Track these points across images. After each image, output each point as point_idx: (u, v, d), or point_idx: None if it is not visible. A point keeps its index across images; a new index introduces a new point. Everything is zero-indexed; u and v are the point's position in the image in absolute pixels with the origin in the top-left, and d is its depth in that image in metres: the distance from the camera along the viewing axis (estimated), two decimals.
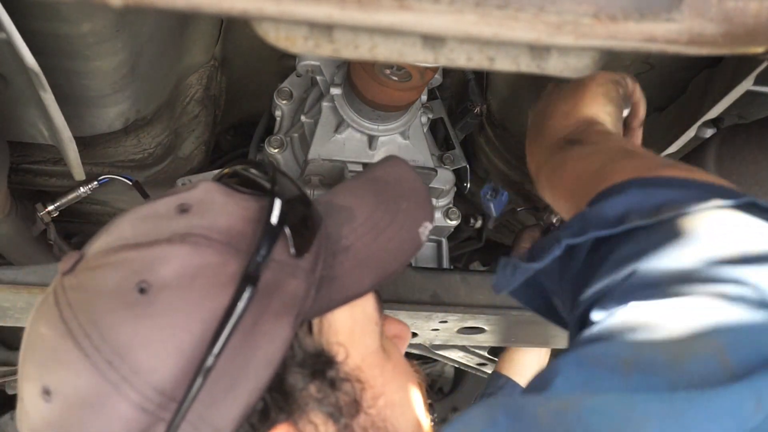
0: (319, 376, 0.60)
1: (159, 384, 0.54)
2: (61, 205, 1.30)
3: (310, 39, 0.63)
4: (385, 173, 0.74)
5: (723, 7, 0.56)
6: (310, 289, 0.60)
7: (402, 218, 0.68)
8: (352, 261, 0.64)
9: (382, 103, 1.12)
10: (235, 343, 0.55)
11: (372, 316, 0.67)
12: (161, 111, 1.18)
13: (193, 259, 0.57)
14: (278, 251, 0.59)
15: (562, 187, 0.77)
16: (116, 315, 0.55)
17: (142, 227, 0.61)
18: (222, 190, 0.65)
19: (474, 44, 0.66)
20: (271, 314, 0.57)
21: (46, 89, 0.85)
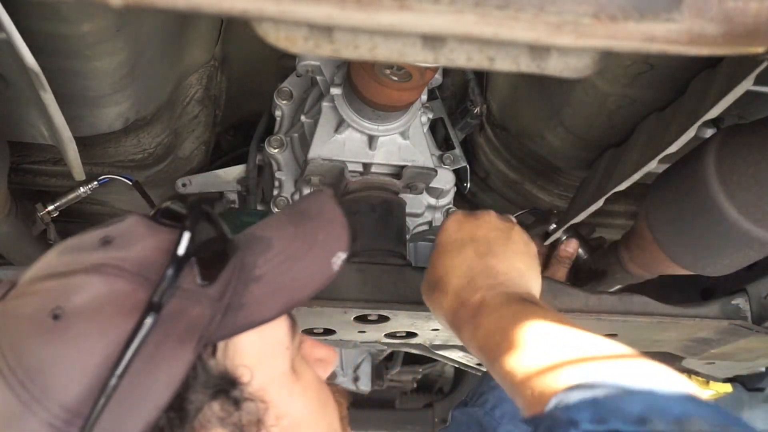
0: (222, 395, 0.65)
1: (66, 403, 0.59)
2: (61, 205, 1.30)
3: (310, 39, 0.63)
4: (309, 206, 0.79)
5: (723, 7, 0.56)
6: (215, 315, 0.65)
7: (317, 249, 0.72)
8: (262, 289, 0.69)
9: (382, 103, 1.12)
10: (137, 366, 0.60)
11: (282, 340, 0.72)
12: (161, 111, 1.18)
13: (104, 287, 0.63)
14: (187, 280, 0.65)
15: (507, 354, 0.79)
16: (31, 339, 0.62)
17: (65, 258, 0.68)
18: (146, 223, 0.71)
19: (474, 44, 0.66)
20: (173, 339, 0.63)
21: (46, 89, 0.85)
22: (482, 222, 0.98)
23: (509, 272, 0.92)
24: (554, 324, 0.79)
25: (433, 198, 1.30)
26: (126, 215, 0.73)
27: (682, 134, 0.95)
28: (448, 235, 0.98)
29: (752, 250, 1.01)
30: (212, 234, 0.70)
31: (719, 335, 1.28)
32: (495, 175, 1.50)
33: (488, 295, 0.87)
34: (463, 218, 0.99)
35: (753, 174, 0.93)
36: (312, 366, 0.78)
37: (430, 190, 1.29)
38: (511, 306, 0.85)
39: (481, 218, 0.99)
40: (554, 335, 0.78)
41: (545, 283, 1.17)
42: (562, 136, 1.28)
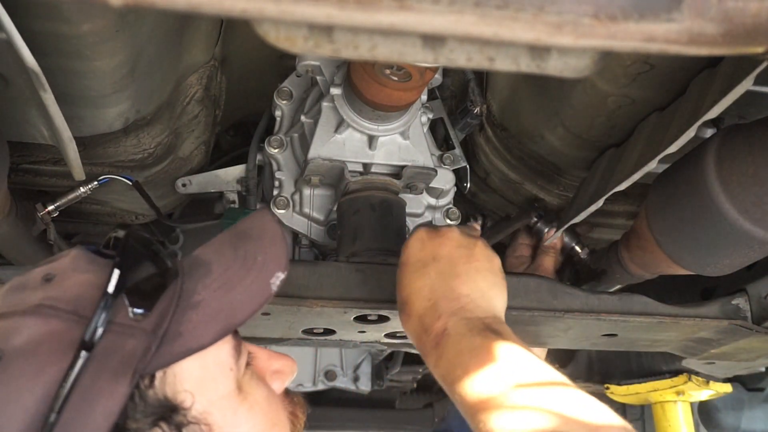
0: (163, 422, 0.67)
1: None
2: (61, 205, 1.30)
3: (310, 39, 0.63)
4: (250, 227, 0.81)
5: (723, 7, 0.56)
6: (150, 347, 0.67)
7: (256, 271, 0.74)
8: (200, 316, 0.71)
9: (382, 103, 1.12)
10: (74, 401, 0.63)
11: (225, 362, 0.74)
12: (161, 111, 1.18)
13: (41, 328, 0.66)
14: (120, 315, 0.68)
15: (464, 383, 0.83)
16: None
17: (9, 299, 0.70)
18: (87, 258, 0.74)
19: (474, 44, 0.66)
20: (108, 373, 0.65)
21: (46, 89, 0.85)
22: (445, 240, 0.98)
23: (471, 293, 0.92)
24: (506, 358, 0.82)
25: (433, 198, 1.30)
26: (71, 249, 0.76)
27: (682, 134, 0.95)
28: (412, 254, 0.98)
29: (752, 250, 1.01)
30: (148, 266, 0.73)
31: (719, 335, 1.28)
32: (495, 175, 1.50)
33: (450, 323, 0.89)
34: (426, 236, 0.99)
35: (753, 174, 0.93)
36: (269, 379, 0.81)
37: (430, 190, 1.29)
38: (471, 338, 0.86)
39: (444, 235, 0.99)
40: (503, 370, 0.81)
41: (546, 284, 1.17)
42: (562, 136, 1.28)
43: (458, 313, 0.89)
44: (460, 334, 0.87)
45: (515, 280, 1.17)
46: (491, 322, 0.89)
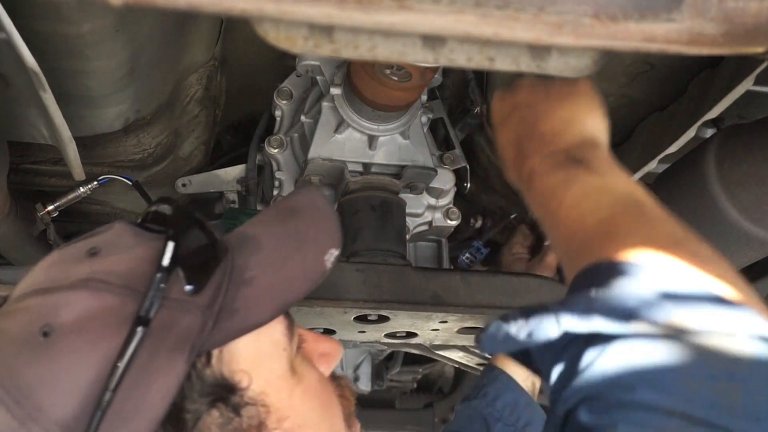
0: (221, 402, 0.65)
1: (61, 419, 0.60)
2: (61, 205, 1.30)
3: (310, 39, 0.63)
4: (297, 202, 0.77)
5: (723, 7, 0.56)
6: (206, 323, 0.65)
7: (308, 247, 0.71)
8: (255, 292, 0.68)
9: (382, 103, 1.12)
10: (130, 379, 0.60)
11: (279, 342, 0.71)
12: (161, 111, 1.18)
13: (92, 302, 0.63)
14: (174, 290, 0.64)
15: (561, 219, 0.76)
16: (21, 358, 0.62)
17: (52, 273, 0.67)
18: (132, 231, 0.71)
19: (474, 44, 0.66)
20: (165, 350, 0.62)
21: (45, 89, 0.85)
22: (519, 88, 0.93)
23: (553, 126, 0.85)
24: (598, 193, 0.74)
25: (433, 198, 1.30)
26: (113, 223, 0.72)
27: (682, 134, 0.95)
28: (496, 115, 0.94)
29: (752, 249, 1.01)
30: (200, 239, 0.69)
31: None
32: (495, 174, 1.50)
33: (535, 164, 0.83)
34: (501, 94, 0.95)
35: (753, 174, 0.93)
36: (315, 362, 0.77)
37: (430, 190, 1.29)
38: (555, 175, 0.79)
39: (517, 85, 0.94)
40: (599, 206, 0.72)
41: (546, 284, 1.17)
42: None
43: (541, 150, 0.83)
44: (545, 172, 0.81)
45: (515, 280, 1.17)
46: (576, 150, 0.81)
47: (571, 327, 0.60)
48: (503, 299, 1.14)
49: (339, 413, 0.75)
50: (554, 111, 0.87)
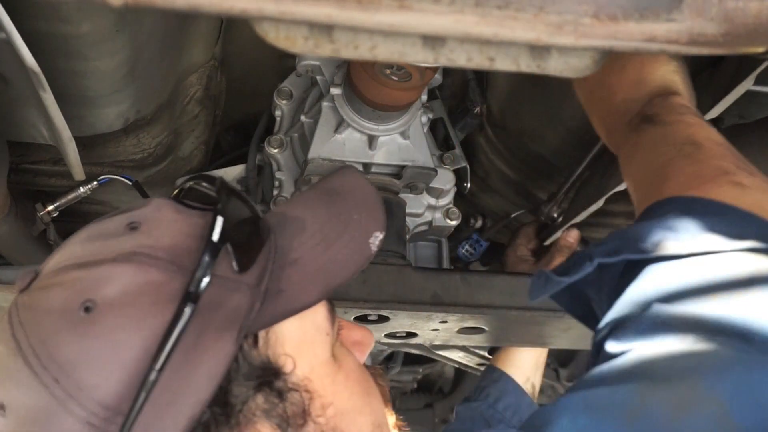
0: (266, 387, 0.62)
1: (104, 399, 0.56)
2: (61, 206, 1.30)
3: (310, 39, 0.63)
4: (340, 184, 0.75)
5: (724, 6, 0.56)
6: (254, 303, 0.62)
7: (353, 229, 0.69)
8: (300, 274, 0.65)
9: (382, 102, 1.12)
10: (177, 359, 0.57)
11: (322, 326, 0.69)
12: (161, 111, 1.18)
13: (137, 277, 0.59)
14: (222, 267, 0.61)
15: (632, 179, 0.78)
16: (62, 334, 0.58)
17: (90, 246, 0.63)
18: (172, 206, 0.67)
19: (474, 44, 0.66)
20: (213, 330, 0.59)
21: (45, 89, 0.85)
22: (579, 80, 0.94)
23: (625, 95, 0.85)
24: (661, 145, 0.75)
25: (433, 198, 1.30)
26: (150, 199, 0.69)
27: None
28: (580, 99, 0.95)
29: None
30: (245, 216, 0.66)
31: None
32: (495, 174, 1.50)
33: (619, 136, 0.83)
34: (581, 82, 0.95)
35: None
36: (350, 350, 0.74)
37: (430, 190, 1.29)
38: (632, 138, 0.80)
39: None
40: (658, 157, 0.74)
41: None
42: (563, 135, 1.28)
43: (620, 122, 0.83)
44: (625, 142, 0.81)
45: (515, 280, 1.17)
46: (648, 108, 0.81)
47: (603, 258, 0.63)
48: (503, 299, 1.14)
49: (380, 399, 0.73)
50: (622, 79, 0.87)
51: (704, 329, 0.54)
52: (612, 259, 0.63)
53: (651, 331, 0.56)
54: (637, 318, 0.58)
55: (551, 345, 1.41)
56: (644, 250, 0.62)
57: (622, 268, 0.65)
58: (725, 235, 0.59)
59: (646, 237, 0.62)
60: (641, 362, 0.54)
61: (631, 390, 0.52)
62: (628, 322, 0.59)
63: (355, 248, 0.68)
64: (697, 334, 0.53)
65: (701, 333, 0.53)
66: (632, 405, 0.50)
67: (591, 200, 1.20)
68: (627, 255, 0.62)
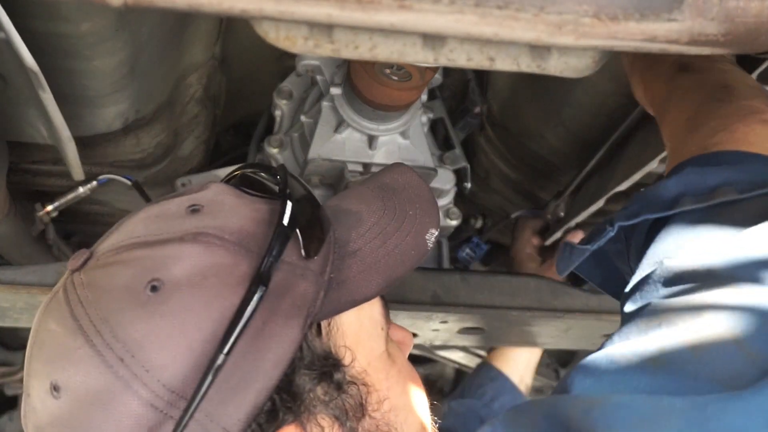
0: (327, 378, 0.61)
1: (169, 381, 0.54)
2: (61, 206, 1.30)
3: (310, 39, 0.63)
4: (392, 179, 0.74)
5: (724, 6, 0.55)
6: (319, 291, 0.61)
7: (409, 225, 0.68)
8: (360, 265, 0.64)
9: (382, 102, 1.12)
10: (244, 343, 0.55)
11: (378, 320, 0.68)
12: (161, 111, 1.18)
13: (205, 258, 0.58)
14: (289, 253, 0.60)
15: (666, 128, 0.78)
16: (128, 313, 0.56)
17: (153, 226, 0.61)
18: (232, 191, 0.66)
19: (474, 44, 0.66)
20: (281, 315, 0.58)
21: (45, 89, 0.85)
22: None
23: None
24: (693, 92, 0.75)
25: None
26: (207, 183, 0.68)
27: None
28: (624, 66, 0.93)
29: None
30: (309, 204, 0.66)
31: None
32: (495, 174, 1.50)
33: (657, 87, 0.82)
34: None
35: None
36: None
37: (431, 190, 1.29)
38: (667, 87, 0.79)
39: None
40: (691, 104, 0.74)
41: (546, 284, 1.17)
42: (563, 135, 1.28)
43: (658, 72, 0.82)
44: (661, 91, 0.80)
45: (515, 280, 1.17)
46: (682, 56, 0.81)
47: (623, 221, 0.64)
48: (503, 299, 1.14)
49: (426, 400, 0.72)
50: None
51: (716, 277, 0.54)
52: (632, 221, 0.63)
53: (663, 285, 0.56)
54: (650, 275, 0.58)
55: (552, 345, 1.41)
56: (663, 208, 0.62)
57: (646, 230, 0.66)
58: (745, 182, 0.59)
59: (665, 195, 0.63)
60: (655, 315, 0.54)
61: (650, 341, 0.52)
62: (643, 282, 0.59)
63: (411, 243, 0.67)
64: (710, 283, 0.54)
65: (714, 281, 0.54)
66: (652, 354, 0.51)
67: (592, 200, 1.20)
68: (646, 215, 0.63)
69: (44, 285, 1.09)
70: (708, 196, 0.60)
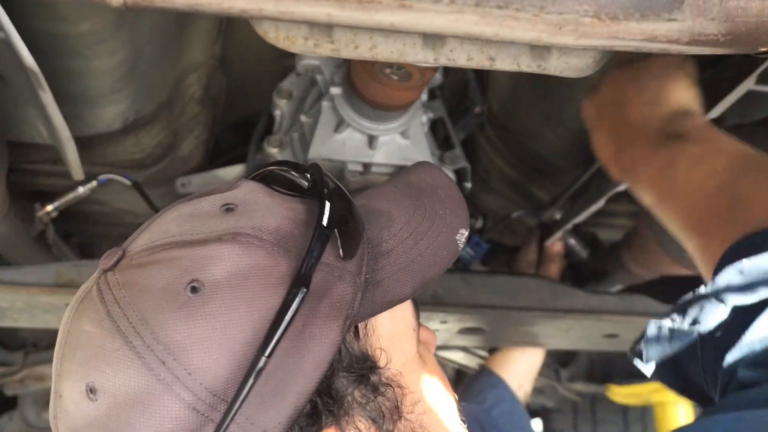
0: (364, 380, 0.60)
1: (211, 384, 0.54)
2: (60, 206, 1.30)
3: (310, 39, 0.63)
4: (419, 179, 0.73)
5: (725, 6, 0.55)
6: (357, 293, 0.60)
7: (439, 225, 0.67)
8: (393, 266, 0.64)
9: (382, 102, 1.12)
10: (285, 345, 0.55)
11: (410, 321, 0.68)
12: (160, 111, 1.17)
13: (245, 258, 0.57)
14: (327, 254, 0.59)
15: (678, 194, 0.75)
16: (168, 314, 0.55)
17: (188, 225, 0.60)
18: (265, 190, 0.65)
19: (474, 44, 0.66)
20: (321, 317, 0.57)
21: (44, 89, 0.85)
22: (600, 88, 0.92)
23: (642, 112, 0.83)
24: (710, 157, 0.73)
25: None
26: (239, 182, 0.66)
27: None
28: (587, 121, 0.93)
29: None
30: (345, 203, 0.64)
31: None
32: (496, 174, 1.50)
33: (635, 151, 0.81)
34: (586, 98, 0.94)
35: None
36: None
37: None
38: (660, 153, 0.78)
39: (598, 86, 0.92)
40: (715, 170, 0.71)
41: (547, 285, 1.17)
42: (563, 135, 1.28)
43: (636, 138, 0.81)
44: (647, 157, 0.79)
45: (515, 280, 1.17)
46: (671, 126, 0.79)
47: (739, 301, 0.59)
48: (503, 299, 1.14)
49: (455, 403, 0.71)
50: (637, 98, 0.85)
51: None
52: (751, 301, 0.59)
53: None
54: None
55: (552, 345, 1.41)
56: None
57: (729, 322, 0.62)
58: None
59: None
60: None
61: None
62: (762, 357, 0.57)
63: (443, 243, 0.66)
64: None
65: None
66: None
67: (592, 200, 1.20)
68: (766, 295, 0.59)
69: (44, 285, 1.09)
70: None
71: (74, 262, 1.18)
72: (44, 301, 1.12)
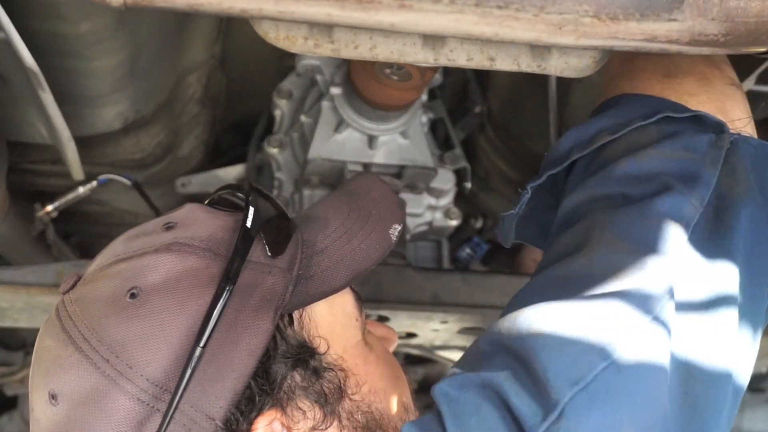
0: (302, 365, 0.67)
1: (152, 376, 0.61)
2: (61, 206, 1.29)
3: (309, 39, 0.63)
4: (357, 186, 0.82)
5: (725, 6, 0.55)
6: (288, 286, 0.67)
7: (372, 223, 0.75)
8: (327, 261, 0.71)
9: (382, 102, 1.12)
10: (219, 336, 0.62)
11: (351, 312, 0.75)
12: (160, 111, 1.17)
13: (178, 264, 0.65)
14: (255, 254, 0.67)
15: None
16: (111, 318, 0.63)
17: (131, 244, 0.69)
18: (204, 209, 0.74)
19: (474, 44, 0.66)
20: (251, 309, 0.64)
21: (44, 89, 0.85)
22: None
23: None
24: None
25: (433, 198, 1.30)
26: (183, 205, 0.75)
27: None
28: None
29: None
30: (273, 211, 0.73)
31: None
32: (496, 174, 1.50)
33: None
34: None
35: None
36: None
37: (431, 190, 1.29)
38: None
39: None
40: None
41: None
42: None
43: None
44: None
45: (515, 280, 1.17)
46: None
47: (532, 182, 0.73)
48: (503, 299, 1.14)
49: (407, 383, 0.79)
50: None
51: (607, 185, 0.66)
52: (538, 181, 0.73)
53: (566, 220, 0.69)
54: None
55: None
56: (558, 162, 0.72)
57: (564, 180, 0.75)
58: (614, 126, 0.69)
59: (560, 151, 0.73)
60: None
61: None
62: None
63: (376, 239, 0.74)
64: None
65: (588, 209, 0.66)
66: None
67: None
68: (547, 172, 0.72)
69: (43, 285, 1.09)
70: (588, 144, 0.70)
71: (74, 262, 1.18)
72: (44, 301, 1.12)
